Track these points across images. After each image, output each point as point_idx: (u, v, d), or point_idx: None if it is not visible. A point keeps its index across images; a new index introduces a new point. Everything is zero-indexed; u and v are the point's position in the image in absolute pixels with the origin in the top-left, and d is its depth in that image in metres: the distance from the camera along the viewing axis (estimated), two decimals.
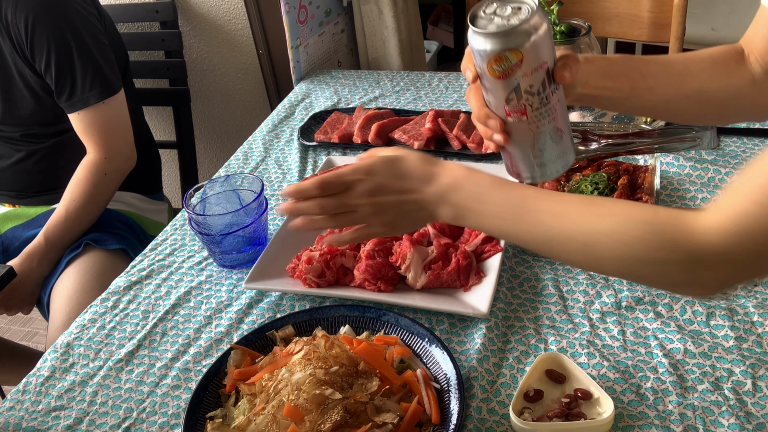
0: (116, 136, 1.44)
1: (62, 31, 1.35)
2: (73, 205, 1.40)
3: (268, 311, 0.98)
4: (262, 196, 1.05)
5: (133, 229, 1.53)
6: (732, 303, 0.88)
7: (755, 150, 1.16)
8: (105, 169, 1.42)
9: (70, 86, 1.37)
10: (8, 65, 1.38)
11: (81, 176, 1.41)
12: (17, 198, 1.54)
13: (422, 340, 0.85)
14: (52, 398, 0.89)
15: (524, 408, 0.76)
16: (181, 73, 1.88)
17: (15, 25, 1.32)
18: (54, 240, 1.38)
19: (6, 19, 1.32)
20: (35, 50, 1.34)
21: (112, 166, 1.44)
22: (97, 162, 1.42)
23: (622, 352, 0.84)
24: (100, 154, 1.42)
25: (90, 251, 1.40)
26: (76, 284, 1.34)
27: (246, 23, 1.89)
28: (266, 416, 0.72)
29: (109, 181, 1.44)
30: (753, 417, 0.74)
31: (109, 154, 1.43)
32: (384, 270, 0.96)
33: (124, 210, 1.55)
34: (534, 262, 1.00)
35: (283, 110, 1.54)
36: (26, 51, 1.34)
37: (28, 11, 1.31)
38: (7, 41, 1.35)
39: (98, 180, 1.42)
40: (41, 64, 1.35)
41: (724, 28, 2.04)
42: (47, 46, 1.33)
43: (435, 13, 2.60)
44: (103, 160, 1.42)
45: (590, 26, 1.32)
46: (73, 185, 1.41)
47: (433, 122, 1.30)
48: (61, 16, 1.35)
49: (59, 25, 1.34)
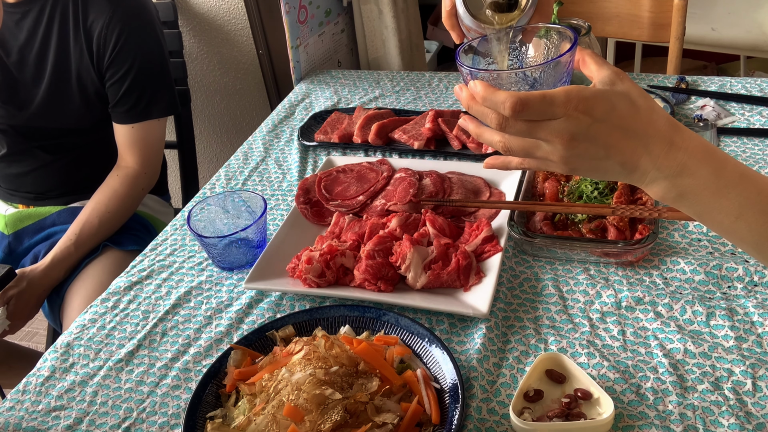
0: (156, 153, 1.48)
1: (150, 48, 1.40)
2: (107, 217, 1.41)
3: (268, 311, 0.98)
4: (263, 217, 1.05)
5: (148, 229, 1.54)
6: (732, 303, 0.88)
7: (755, 150, 1.16)
8: (143, 184, 1.46)
9: (136, 98, 1.40)
10: (70, 69, 1.39)
11: (119, 189, 1.43)
12: (34, 200, 1.55)
13: (422, 340, 0.85)
14: (52, 398, 0.89)
15: (524, 408, 0.76)
16: (181, 73, 1.88)
17: (103, 36, 1.35)
18: (83, 248, 1.39)
19: (90, 28, 1.35)
20: (117, 62, 1.37)
21: (147, 181, 1.48)
22: (137, 176, 1.45)
23: (622, 352, 0.84)
24: (140, 168, 1.45)
25: (108, 252, 1.42)
26: (95, 283, 1.35)
27: (246, 23, 1.88)
28: (266, 416, 0.72)
29: (143, 195, 1.49)
30: (753, 417, 0.74)
31: (148, 170, 1.47)
32: (384, 270, 0.96)
33: (141, 211, 1.56)
34: (534, 262, 1.00)
35: (283, 110, 1.54)
36: (105, 60, 1.37)
37: (123, 26, 1.35)
38: (82, 48, 1.37)
39: (136, 193, 1.46)
40: (116, 75, 1.38)
41: (724, 28, 2.04)
42: (132, 60, 1.37)
43: (435, 13, 2.60)
44: (142, 175, 1.45)
45: (590, 26, 1.32)
46: (108, 196, 1.42)
47: (433, 122, 1.30)
48: (151, 34, 1.41)
49: (149, 43, 1.40)
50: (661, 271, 0.94)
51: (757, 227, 0.60)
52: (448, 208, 1.09)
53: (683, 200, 0.62)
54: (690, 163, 0.60)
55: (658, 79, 1.42)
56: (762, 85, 1.33)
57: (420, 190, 1.11)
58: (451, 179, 1.15)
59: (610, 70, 0.62)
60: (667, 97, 1.31)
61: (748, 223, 0.61)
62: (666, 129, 0.61)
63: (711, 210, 0.62)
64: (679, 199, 0.62)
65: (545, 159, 0.63)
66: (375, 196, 1.14)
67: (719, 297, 0.89)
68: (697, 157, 0.60)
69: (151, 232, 1.54)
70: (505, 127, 0.61)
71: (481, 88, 0.61)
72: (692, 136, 0.61)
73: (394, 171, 1.19)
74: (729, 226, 0.62)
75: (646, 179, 0.62)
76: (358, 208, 1.12)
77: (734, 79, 1.37)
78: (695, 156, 0.60)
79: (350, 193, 1.15)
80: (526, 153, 0.63)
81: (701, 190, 0.61)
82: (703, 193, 0.61)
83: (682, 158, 0.60)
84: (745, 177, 0.61)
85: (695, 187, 0.61)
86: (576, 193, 1.04)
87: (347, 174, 1.20)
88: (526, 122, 0.60)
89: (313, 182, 1.19)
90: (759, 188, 0.60)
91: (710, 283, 0.91)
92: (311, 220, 1.13)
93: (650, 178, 0.62)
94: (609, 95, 0.60)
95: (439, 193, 1.11)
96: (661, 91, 1.34)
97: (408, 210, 1.08)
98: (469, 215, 1.09)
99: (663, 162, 0.61)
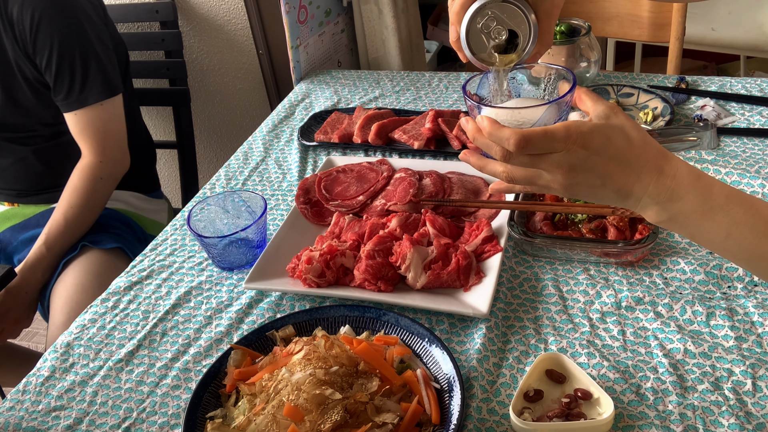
0: (112, 140, 1.43)
1: (67, 29, 1.35)
2: (72, 212, 1.39)
3: (268, 311, 0.98)
4: (263, 217, 1.05)
5: (131, 227, 1.53)
6: (732, 303, 0.88)
7: (755, 150, 1.16)
8: (101, 174, 1.41)
9: (68, 84, 1.36)
10: (9, 61, 1.38)
11: (77, 182, 1.40)
12: (18, 197, 1.54)
13: (422, 340, 0.85)
14: (52, 398, 0.89)
15: (524, 408, 0.76)
16: (181, 73, 1.88)
17: (20, 20, 1.32)
18: (55, 248, 1.38)
19: (11, 14, 1.32)
20: (38, 46, 1.33)
21: (107, 171, 1.42)
22: (92, 166, 1.40)
23: (622, 352, 0.84)
24: (95, 157, 1.41)
25: (87, 252, 1.40)
26: (75, 284, 1.34)
27: (246, 23, 1.89)
28: (266, 416, 0.72)
29: (105, 185, 1.43)
30: (753, 417, 0.74)
31: (104, 158, 1.41)
32: (384, 270, 0.96)
33: (123, 209, 1.55)
34: (534, 262, 1.00)
35: (283, 110, 1.54)
36: (29, 47, 1.34)
37: (35, 7, 1.31)
38: (10, 36, 1.35)
39: (95, 185, 1.41)
40: (42, 60, 1.35)
41: (724, 28, 2.04)
42: (50, 42, 1.33)
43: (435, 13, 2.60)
44: (98, 164, 1.41)
45: (590, 26, 1.32)
46: (69, 192, 1.40)
47: (433, 122, 1.30)
48: (67, 14, 1.35)
49: (65, 23, 1.34)
50: (661, 271, 0.94)
51: (746, 245, 0.64)
52: (448, 208, 1.09)
53: (674, 223, 0.66)
54: (678, 189, 0.64)
55: (658, 79, 1.41)
56: (762, 85, 1.33)
57: (420, 190, 1.11)
58: (451, 179, 1.15)
59: (605, 106, 0.66)
60: (667, 97, 1.31)
61: (737, 241, 0.64)
62: (656, 158, 0.65)
63: (701, 231, 0.65)
64: (671, 222, 0.66)
65: (546, 186, 0.67)
66: (375, 196, 1.14)
67: (719, 297, 0.89)
68: (684, 183, 0.64)
69: (134, 230, 1.52)
70: (508, 159, 0.66)
71: (487, 123, 0.65)
72: (680, 164, 0.66)
73: (394, 171, 1.19)
74: (720, 245, 0.66)
75: (639, 205, 0.66)
76: (358, 208, 1.12)
77: (734, 79, 1.37)
78: (682, 182, 0.64)
79: (350, 193, 1.15)
80: (528, 182, 0.68)
81: (690, 213, 0.64)
82: (692, 216, 0.65)
83: (671, 185, 0.64)
84: (731, 198, 0.64)
85: (684, 210, 0.65)
86: None
87: (347, 174, 1.20)
88: (529, 156, 0.65)
89: (313, 182, 1.19)
90: (745, 207, 0.64)
91: (710, 283, 0.91)
92: (311, 220, 1.13)
93: (642, 203, 0.66)
94: (605, 129, 0.64)
95: (439, 193, 1.11)
96: (661, 91, 1.34)
97: (408, 210, 1.08)
98: (469, 215, 1.09)
99: (653, 189, 0.65)
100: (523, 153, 0.64)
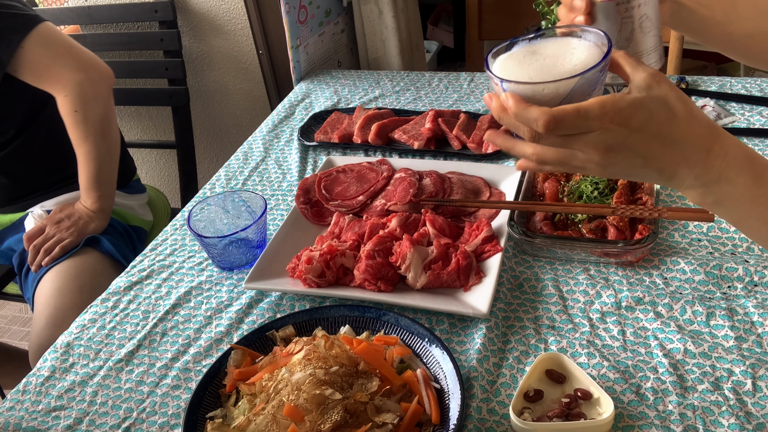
0: (67, 59, 1.28)
1: None
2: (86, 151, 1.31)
3: (268, 311, 0.98)
4: (263, 217, 1.05)
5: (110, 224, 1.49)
6: (732, 303, 0.88)
7: (755, 150, 1.15)
8: (83, 98, 1.28)
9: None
10: None
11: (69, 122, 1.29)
12: None
13: (422, 340, 0.85)
14: (52, 398, 0.89)
15: (524, 408, 0.76)
16: (180, 73, 1.88)
17: None
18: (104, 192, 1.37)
19: None
20: None
21: (90, 89, 1.29)
22: (69, 99, 1.28)
23: (622, 352, 0.84)
24: (64, 87, 1.28)
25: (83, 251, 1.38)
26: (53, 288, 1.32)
27: (246, 23, 1.88)
28: (266, 416, 0.72)
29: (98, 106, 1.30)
30: (753, 417, 0.74)
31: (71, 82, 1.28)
32: (384, 270, 0.96)
33: None
34: (534, 262, 1.00)
35: (283, 110, 1.54)
36: None
37: None
38: None
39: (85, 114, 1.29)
40: None
41: None
42: None
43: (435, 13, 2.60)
44: (73, 92, 1.28)
45: None
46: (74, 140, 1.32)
47: (433, 122, 1.30)
48: None
49: None
50: (661, 271, 0.94)
51: None
52: (448, 208, 1.09)
53: (720, 207, 0.61)
54: (728, 170, 0.59)
55: None
56: (762, 85, 1.33)
57: (420, 190, 1.11)
58: (451, 179, 1.15)
59: (646, 73, 0.59)
60: None
61: None
62: (705, 135, 0.59)
63: (748, 218, 0.61)
64: (716, 205, 0.61)
65: (581, 167, 0.62)
66: (375, 196, 1.14)
67: (719, 297, 0.89)
68: (736, 165, 0.59)
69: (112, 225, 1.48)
70: (538, 139, 0.60)
71: (512, 102, 0.59)
72: (733, 142, 0.60)
73: (394, 171, 1.19)
74: (766, 234, 0.61)
75: (683, 185, 0.61)
76: (358, 208, 1.12)
77: (734, 79, 1.37)
78: (734, 164, 0.59)
79: (350, 193, 1.15)
80: (560, 163, 0.62)
81: (739, 197, 0.59)
82: (741, 201, 0.60)
83: (721, 165, 0.59)
84: None
85: (733, 194, 0.59)
86: (576, 193, 1.04)
87: (347, 174, 1.20)
88: (561, 136, 0.59)
89: (313, 182, 1.19)
90: None
91: (710, 283, 0.91)
92: (311, 220, 1.13)
93: (687, 184, 0.61)
94: (646, 103, 0.58)
95: (439, 193, 1.11)
96: None
97: (408, 210, 1.08)
98: (469, 215, 1.09)
99: (701, 169, 0.59)
100: (554, 134, 0.58)
